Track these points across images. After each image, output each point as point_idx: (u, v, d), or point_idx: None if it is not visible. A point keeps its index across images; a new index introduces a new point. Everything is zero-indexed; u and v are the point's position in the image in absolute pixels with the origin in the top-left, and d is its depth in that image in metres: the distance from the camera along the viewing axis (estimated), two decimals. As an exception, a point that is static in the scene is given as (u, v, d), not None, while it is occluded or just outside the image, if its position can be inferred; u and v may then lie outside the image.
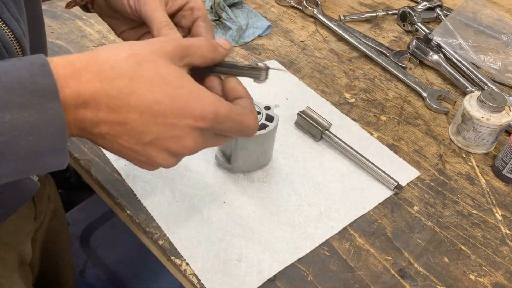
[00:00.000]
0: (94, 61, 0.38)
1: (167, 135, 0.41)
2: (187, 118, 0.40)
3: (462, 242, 0.68)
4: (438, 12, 1.15)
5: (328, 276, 0.62)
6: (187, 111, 0.40)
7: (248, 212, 0.67)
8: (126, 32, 0.59)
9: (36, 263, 0.81)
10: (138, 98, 0.38)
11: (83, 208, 1.54)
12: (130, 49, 0.40)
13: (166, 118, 0.40)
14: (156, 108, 0.39)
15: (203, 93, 0.41)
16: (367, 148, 0.79)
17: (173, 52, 0.41)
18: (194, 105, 0.40)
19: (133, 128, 0.39)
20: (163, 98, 0.39)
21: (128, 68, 0.38)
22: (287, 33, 1.04)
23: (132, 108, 0.38)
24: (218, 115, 0.42)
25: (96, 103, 0.38)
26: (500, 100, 0.77)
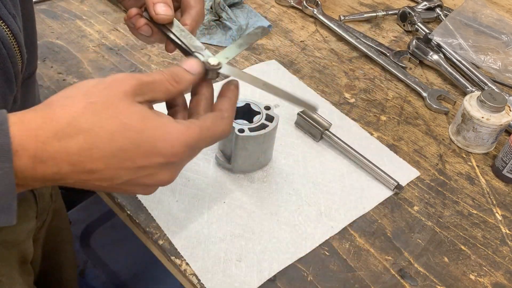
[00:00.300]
0: (50, 119, 0.36)
1: (139, 175, 0.40)
2: (157, 158, 0.40)
3: (462, 242, 0.68)
4: (438, 12, 1.15)
5: (328, 276, 0.62)
6: (155, 152, 0.39)
7: (248, 212, 0.67)
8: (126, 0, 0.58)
9: (37, 262, 0.81)
10: (101, 150, 0.37)
11: (83, 208, 1.54)
12: (86, 98, 0.38)
13: (134, 162, 0.39)
14: (122, 156, 0.38)
15: (169, 129, 0.40)
16: (367, 148, 0.79)
17: (133, 90, 0.40)
18: (161, 145, 0.39)
19: (102, 175, 0.39)
20: (128, 145, 0.38)
21: (86, 121, 0.37)
22: (287, 33, 1.04)
23: (96, 160, 0.37)
24: (189, 145, 0.41)
25: (56, 162, 0.36)
26: (500, 100, 0.77)
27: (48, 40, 0.94)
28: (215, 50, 0.96)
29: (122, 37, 0.96)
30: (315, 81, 0.92)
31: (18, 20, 0.49)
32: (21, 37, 0.49)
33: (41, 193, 0.72)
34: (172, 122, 0.41)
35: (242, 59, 0.94)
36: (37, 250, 0.79)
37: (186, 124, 0.42)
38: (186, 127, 0.41)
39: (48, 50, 0.91)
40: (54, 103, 0.38)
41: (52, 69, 0.87)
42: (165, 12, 0.50)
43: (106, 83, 0.39)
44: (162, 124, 0.40)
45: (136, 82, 0.40)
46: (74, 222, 1.48)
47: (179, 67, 0.45)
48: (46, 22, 0.98)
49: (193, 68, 0.46)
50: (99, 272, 1.44)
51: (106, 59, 0.91)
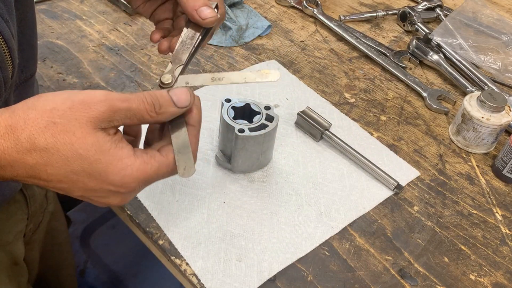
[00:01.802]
0: (12, 131, 0.38)
1: (90, 195, 0.42)
2: (107, 186, 0.41)
3: (462, 242, 0.68)
4: (438, 12, 1.15)
5: (328, 276, 0.62)
6: (106, 182, 0.40)
7: (248, 212, 0.67)
8: (142, 5, 0.59)
9: (35, 263, 0.81)
10: (55, 168, 0.39)
11: (83, 208, 1.54)
12: (49, 117, 0.39)
13: (86, 185, 0.40)
14: (74, 178, 0.40)
15: (124, 165, 0.41)
16: (367, 148, 0.79)
17: (100, 117, 0.40)
18: (113, 178, 0.40)
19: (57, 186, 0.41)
20: (80, 171, 0.40)
21: (45, 141, 0.38)
22: (287, 33, 1.04)
23: (50, 175, 0.39)
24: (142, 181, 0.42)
25: (13, 169, 0.39)
26: (500, 100, 0.77)
27: (48, 40, 0.94)
28: (215, 50, 0.96)
29: (122, 37, 0.96)
30: (315, 81, 0.92)
31: (12, 25, 0.49)
32: (13, 42, 0.49)
33: (33, 195, 0.71)
34: (129, 157, 0.41)
35: (242, 59, 0.94)
36: (33, 252, 0.79)
37: (144, 160, 0.42)
38: (144, 163, 0.42)
39: (48, 50, 0.91)
40: (18, 113, 0.39)
41: (52, 69, 0.87)
42: (211, 15, 0.49)
43: (74, 103, 0.40)
44: (117, 159, 0.40)
45: (105, 109, 0.40)
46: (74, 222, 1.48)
47: (166, 95, 0.43)
48: (46, 22, 0.98)
49: (180, 101, 0.44)
50: (99, 272, 1.44)
51: (106, 59, 0.91)
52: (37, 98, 0.40)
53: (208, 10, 0.49)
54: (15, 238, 0.69)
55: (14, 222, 0.68)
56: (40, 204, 0.75)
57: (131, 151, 0.42)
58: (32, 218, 0.73)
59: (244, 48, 0.98)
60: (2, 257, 0.67)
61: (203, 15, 0.48)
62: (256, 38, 1.00)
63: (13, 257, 0.69)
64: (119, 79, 0.87)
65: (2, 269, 0.67)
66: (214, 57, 0.94)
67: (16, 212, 0.68)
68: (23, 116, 0.39)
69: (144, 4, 0.59)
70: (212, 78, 0.47)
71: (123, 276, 1.43)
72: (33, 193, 0.71)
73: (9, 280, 0.68)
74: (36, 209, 0.74)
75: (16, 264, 0.71)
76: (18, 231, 0.70)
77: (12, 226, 0.68)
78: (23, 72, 0.58)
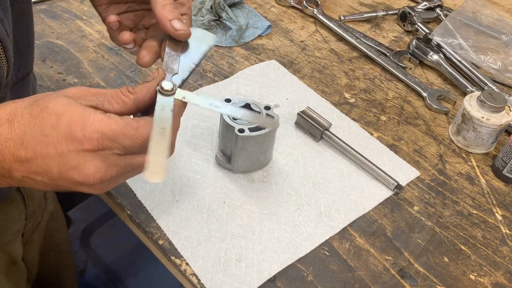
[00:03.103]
0: None
1: (65, 166, 0.41)
2: (73, 143, 0.40)
3: (462, 242, 0.68)
4: (438, 12, 1.15)
5: (328, 276, 0.62)
6: (71, 136, 0.40)
7: (248, 212, 0.67)
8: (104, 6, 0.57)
9: (34, 263, 0.81)
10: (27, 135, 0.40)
11: (83, 208, 1.54)
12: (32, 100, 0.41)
13: (56, 148, 0.40)
14: (44, 141, 0.40)
15: (88, 115, 0.41)
16: (367, 148, 0.79)
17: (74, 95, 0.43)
18: (75, 128, 0.40)
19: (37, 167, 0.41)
20: (48, 130, 0.40)
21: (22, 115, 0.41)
22: (287, 33, 1.04)
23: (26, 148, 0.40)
24: (106, 133, 0.41)
25: None
26: (500, 100, 0.77)
27: (48, 40, 0.94)
28: (215, 50, 0.96)
29: (122, 37, 0.96)
30: (315, 81, 0.92)
31: (7, 24, 0.49)
32: (8, 41, 0.49)
33: (31, 195, 0.71)
34: (95, 112, 0.41)
35: (242, 59, 0.94)
36: (32, 252, 0.79)
37: (111, 116, 0.42)
38: (108, 118, 0.41)
39: (48, 50, 0.91)
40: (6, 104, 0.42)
41: (52, 69, 0.87)
42: (183, 28, 0.50)
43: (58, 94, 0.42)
44: (82, 110, 0.41)
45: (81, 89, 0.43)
46: (74, 222, 1.48)
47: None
48: (46, 22, 0.98)
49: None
50: (99, 272, 1.44)
51: (106, 59, 0.91)
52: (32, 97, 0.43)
53: (181, 24, 0.50)
54: (13, 238, 0.69)
55: (11, 221, 0.68)
56: (38, 204, 0.75)
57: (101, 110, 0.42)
58: (30, 218, 0.73)
59: (244, 48, 0.98)
60: (0, 257, 0.67)
61: (177, 26, 0.50)
62: (256, 38, 1.00)
63: (11, 257, 0.69)
64: (119, 79, 0.87)
65: (0, 269, 0.67)
66: (214, 57, 0.94)
67: (13, 211, 0.68)
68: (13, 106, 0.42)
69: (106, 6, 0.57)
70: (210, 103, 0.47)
71: (123, 276, 1.43)
72: (31, 193, 0.71)
73: (8, 280, 0.68)
74: (35, 209, 0.73)
75: (15, 264, 0.71)
76: (16, 231, 0.70)
77: (9, 226, 0.68)
78: (19, 71, 0.58)
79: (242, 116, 0.48)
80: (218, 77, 0.89)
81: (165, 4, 0.50)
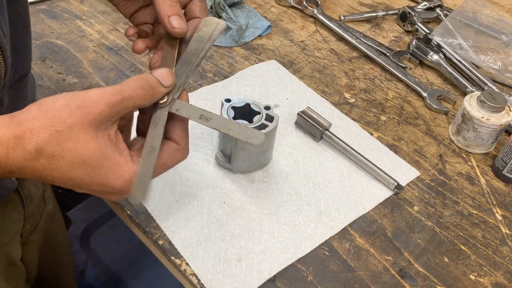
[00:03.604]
0: (20, 141, 0.41)
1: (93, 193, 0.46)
2: (108, 189, 0.44)
3: (462, 242, 0.68)
4: (438, 12, 1.15)
5: (328, 276, 0.62)
6: (107, 186, 0.44)
7: (248, 212, 0.67)
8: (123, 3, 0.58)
9: (33, 264, 0.81)
10: (61, 173, 0.42)
11: (83, 208, 1.54)
12: (53, 126, 0.41)
13: (89, 187, 0.44)
14: (78, 182, 0.43)
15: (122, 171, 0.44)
16: (367, 148, 0.79)
17: (98, 119, 0.42)
18: (113, 182, 0.44)
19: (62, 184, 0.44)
20: (84, 176, 0.43)
21: (51, 149, 0.41)
22: (287, 33, 1.04)
23: (56, 179, 0.43)
24: None
25: (21, 173, 0.42)
26: (500, 100, 0.77)
27: (48, 40, 0.94)
28: (215, 50, 0.96)
29: (122, 37, 0.96)
30: (315, 81, 0.92)
31: (4, 25, 0.49)
32: (5, 42, 0.49)
33: (30, 196, 0.71)
34: (127, 163, 0.44)
35: (242, 59, 0.94)
36: (31, 253, 0.79)
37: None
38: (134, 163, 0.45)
39: (48, 50, 0.91)
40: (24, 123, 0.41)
41: (52, 69, 0.87)
42: (180, 26, 0.50)
43: (72, 109, 0.41)
44: (117, 165, 0.44)
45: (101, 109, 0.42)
46: (74, 222, 1.48)
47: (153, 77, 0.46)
48: (46, 22, 0.98)
49: (165, 81, 0.46)
50: (99, 272, 1.44)
51: (106, 59, 0.91)
52: (39, 106, 0.42)
53: (178, 21, 0.50)
54: (12, 238, 0.69)
55: (10, 222, 0.68)
56: (37, 205, 0.75)
57: (129, 156, 0.45)
58: (29, 219, 0.73)
59: (244, 48, 0.98)
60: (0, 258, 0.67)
61: (174, 24, 0.50)
62: (256, 38, 1.00)
63: (10, 258, 0.69)
64: (119, 79, 0.87)
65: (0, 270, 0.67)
66: (214, 57, 0.94)
67: (12, 212, 0.68)
68: (29, 127, 0.41)
69: (125, 2, 0.58)
70: (201, 116, 0.48)
71: (123, 276, 1.43)
72: (29, 193, 0.71)
73: (6, 281, 0.68)
74: (33, 209, 0.73)
75: (13, 264, 0.70)
76: (15, 231, 0.70)
77: (8, 226, 0.68)
78: (16, 71, 0.58)
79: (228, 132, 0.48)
80: (218, 77, 0.89)
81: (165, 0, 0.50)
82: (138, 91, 0.44)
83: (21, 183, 0.68)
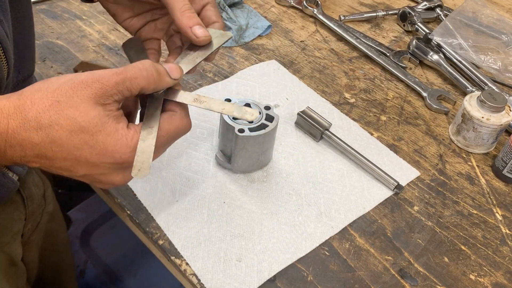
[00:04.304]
0: (19, 110, 0.41)
1: (94, 172, 0.44)
2: (107, 159, 0.43)
3: (462, 242, 0.68)
4: (438, 12, 1.15)
5: (328, 276, 0.62)
6: (106, 155, 0.43)
7: (248, 212, 0.67)
8: (129, 20, 0.59)
9: (34, 264, 0.81)
10: (59, 145, 0.42)
11: (83, 208, 1.54)
12: (54, 96, 0.41)
13: (88, 160, 0.43)
14: (77, 154, 0.42)
15: (120, 135, 0.43)
16: (367, 148, 0.79)
17: (99, 93, 0.42)
18: (111, 149, 0.43)
19: (61, 165, 0.43)
20: (82, 145, 0.42)
21: (49, 118, 0.41)
22: (287, 33, 1.04)
23: (55, 153, 0.42)
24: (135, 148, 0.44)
25: (22, 148, 0.42)
26: (500, 100, 0.77)
27: (48, 40, 0.94)
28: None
29: (122, 37, 0.96)
30: (315, 81, 0.92)
31: (6, 25, 0.49)
32: (8, 42, 0.49)
33: (31, 195, 0.71)
34: (124, 129, 0.44)
35: (242, 59, 0.94)
36: (32, 253, 0.79)
37: (136, 129, 0.45)
38: (136, 133, 0.45)
39: (48, 50, 0.91)
40: (26, 95, 0.42)
41: (52, 69, 0.87)
42: (204, 34, 0.51)
43: (75, 83, 0.42)
44: (115, 130, 0.43)
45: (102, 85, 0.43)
46: (74, 222, 1.48)
47: (161, 66, 0.47)
48: (46, 22, 0.98)
49: (173, 72, 0.48)
50: (99, 272, 1.44)
51: (106, 59, 0.91)
52: (44, 81, 0.43)
53: (201, 30, 0.51)
54: (12, 238, 0.69)
55: (11, 222, 0.68)
56: (38, 205, 0.75)
57: (125, 124, 0.45)
58: (30, 219, 0.73)
59: (244, 48, 0.98)
60: (1, 258, 0.67)
61: (198, 33, 0.51)
62: (256, 38, 1.00)
63: (10, 257, 0.69)
64: (119, 79, 0.87)
65: (0, 270, 0.67)
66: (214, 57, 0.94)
67: (13, 212, 0.68)
68: (30, 97, 0.41)
69: (131, 18, 0.58)
70: (195, 99, 0.49)
71: (123, 276, 1.43)
72: (30, 193, 0.71)
73: (7, 281, 0.68)
74: (34, 209, 0.73)
75: (14, 264, 0.71)
76: (16, 231, 0.70)
77: (9, 226, 0.68)
78: (20, 72, 0.58)
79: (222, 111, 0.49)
80: (218, 77, 0.89)
81: (184, 11, 0.51)
82: (142, 73, 0.45)
83: (22, 183, 0.68)
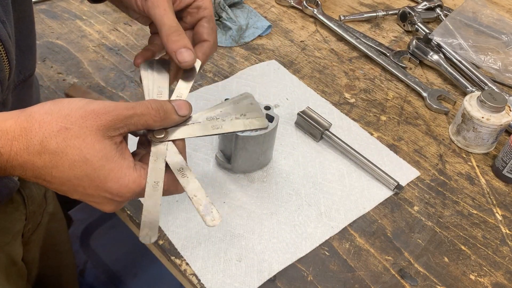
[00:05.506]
0: (26, 133, 0.41)
1: (88, 199, 0.45)
2: (104, 193, 0.44)
3: (462, 242, 0.68)
4: (438, 12, 1.15)
5: (328, 276, 0.62)
6: (104, 189, 0.43)
7: (248, 212, 0.67)
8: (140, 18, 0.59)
9: (34, 264, 0.81)
10: (60, 171, 0.42)
11: (83, 208, 1.54)
12: (63, 123, 0.41)
13: (85, 190, 0.43)
14: (75, 182, 0.43)
15: (122, 174, 0.43)
16: (367, 148, 0.79)
17: (108, 125, 0.43)
18: (110, 185, 0.43)
19: (58, 188, 0.44)
20: (83, 176, 0.42)
21: (56, 145, 0.41)
22: (287, 33, 1.04)
23: (54, 178, 0.42)
24: (135, 193, 0.44)
25: (23, 169, 0.42)
26: (500, 100, 0.77)
27: (48, 40, 0.94)
28: (215, 50, 0.96)
29: (122, 37, 0.96)
30: (315, 81, 0.92)
31: (9, 26, 0.49)
32: (10, 43, 0.49)
33: (31, 196, 0.71)
34: (129, 168, 0.44)
35: (242, 59, 0.94)
36: (32, 252, 0.79)
37: (141, 174, 0.45)
38: (140, 177, 0.45)
39: (48, 50, 0.91)
40: (35, 117, 0.41)
41: (52, 69, 0.87)
42: (186, 59, 0.51)
43: (86, 112, 0.42)
44: (118, 168, 0.43)
45: (112, 118, 0.43)
46: (74, 222, 1.48)
47: (169, 104, 0.47)
48: (46, 22, 0.98)
49: (181, 110, 0.48)
50: (99, 272, 1.44)
51: (106, 59, 0.91)
52: (55, 102, 0.43)
53: (187, 53, 0.51)
54: (13, 238, 0.69)
55: (11, 222, 0.68)
56: (38, 205, 0.75)
57: (132, 163, 0.45)
58: (30, 219, 0.73)
59: (244, 48, 0.98)
60: (0, 257, 0.67)
61: (180, 58, 0.51)
62: (256, 38, 1.00)
63: (11, 257, 0.69)
64: (119, 79, 0.87)
65: (0, 270, 0.67)
66: (214, 57, 0.94)
67: (13, 212, 0.68)
68: (39, 120, 0.41)
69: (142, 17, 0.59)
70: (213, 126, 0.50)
71: (123, 276, 1.43)
72: (31, 193, 0.71)
73: (8, 281, 0.68)
74: (35, 209, 0.73)
75: (15, 264, 0.71)
76: (16, 231, 0.70)
77: (9, 226, 0.68)
78: (21, 72, 0.58)
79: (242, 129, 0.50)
80: (218, 77, 0.89)
81: (169, 34, 0.51)
82: (150, 111, 0.45)
83: (23, 183, 0.68)
